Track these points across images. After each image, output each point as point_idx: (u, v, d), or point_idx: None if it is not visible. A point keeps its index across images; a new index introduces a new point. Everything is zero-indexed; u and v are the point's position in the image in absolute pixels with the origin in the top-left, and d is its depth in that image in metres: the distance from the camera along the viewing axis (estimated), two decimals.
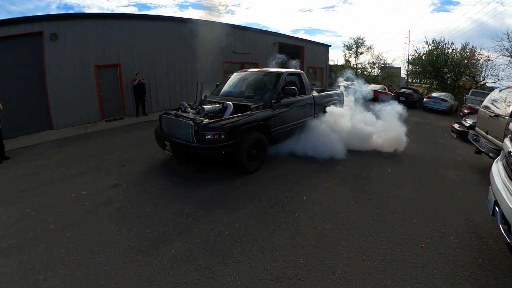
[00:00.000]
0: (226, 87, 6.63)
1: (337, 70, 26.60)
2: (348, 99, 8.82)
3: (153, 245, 3.16)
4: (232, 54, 16.01)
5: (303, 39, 23.10)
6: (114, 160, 6.14)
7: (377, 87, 19.01)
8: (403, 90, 19.37)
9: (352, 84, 11.69)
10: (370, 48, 34.82)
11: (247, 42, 16.97)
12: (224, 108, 5.37)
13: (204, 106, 5.30)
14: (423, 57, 24.73)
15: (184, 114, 5.25)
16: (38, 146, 8.00)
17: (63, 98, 10.07)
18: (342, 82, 12.10)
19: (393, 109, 7.38)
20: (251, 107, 5.28)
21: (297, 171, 5.26)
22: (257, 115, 5.21)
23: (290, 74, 6.64)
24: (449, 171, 5.54)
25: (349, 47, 35.62)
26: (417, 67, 25.67)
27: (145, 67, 12.06)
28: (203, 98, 6.01)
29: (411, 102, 16.77)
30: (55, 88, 9.89)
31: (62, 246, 3.23)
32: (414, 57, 26.29)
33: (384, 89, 19.84)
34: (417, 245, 3.10)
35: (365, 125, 6.83)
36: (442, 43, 24.07)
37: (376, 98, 9.06)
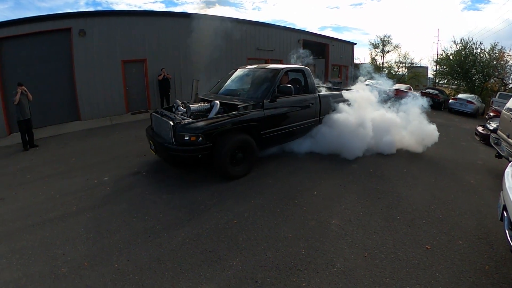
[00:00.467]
0: (225, 84, 6.22)
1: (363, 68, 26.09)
2: (371, 98, 8.36)
3: (165, 229, 3.40)
4: (256, 51, 16.15)
5: (328, 36, 22.86)
6: (136, 150, 6.45)
7: (402, 86, 18.56)
8: (429, 90, 18.79)
9: (377, 83, 11.46)
10: (396, 46, 33.90)
11: (272, 39, 17.05)
12: (212, 107, 5.03)
13: (190, 105, 5.04)
14: (451, 57, 23.84)
15: (168, 113, 5.02)
16: (65, 136, 8.47)
17: (91, 91, 10.60)
18: (367, 81, 11.88)
19: (414, 109, 7.18)
20: (238, 106, 4.88)
21: (311, 167, 5.31)
22: (243, 115, 4.79)
23: (291, 70, 6.22)
24: (467, 174, 5.41)
25: (375, 45, 34.85)
26: (444, 67, 24.81)
27: (170, 62, 12.39)
28: (200, 96, 5.80)
29: (436, 103, 16.21)
30: (83, 81, 10.43)
31: (82, 225, 3.53)
32: (441, 57, 25.41)
33: (410, 89, 19.34)
34: (422, 246, 3.07)
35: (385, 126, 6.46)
36: (471, 43, 23.12)
37: (397, 97, 8.88)
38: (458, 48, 23.65)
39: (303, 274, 2.63)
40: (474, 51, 22.80)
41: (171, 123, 4.44)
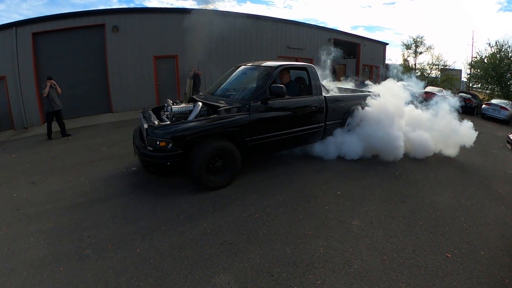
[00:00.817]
0: (223, 83, 5.59)
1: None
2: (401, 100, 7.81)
3: (188, 218, 3.56)
4: (287, 49, 16.18)
5: (359, 36, 22.44)
6: None
7: (434, 89, 17.94)
8: (462, 94, 18.08)
9: (408, 85, 11.16)
10: (429, 48, 32.61)
11: (302, 37, 17.00)
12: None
13: (172, 106, 4.68)
14: (485, 60, 22.80)
15: (151, 114, 4.68)
16: (97, 127, 8.87)
17: (123, 84, 11.06)
18: (398, 82, 11.58)
19: (447, 109, 6.79)
20: (219, 109, 4.35)
21: (336, 167, 5.29)
22: (221, 120, 4.24)
23: (292, 68, 5.49)
24: (496, 183, 5.20)
25: (408, 46, 33.74)
26: (478, 70, 23.75)
27: (201, 58, 12.66)
28: (195, 95, 5.50)
29: (468, 108, 15.57)
30: (115, 75, 10.92)
31: (109, 211, 3.76)
32: (476, 59, 24.34)
33: (441, 91, 18.68)
34: (443, 254, 3.01)
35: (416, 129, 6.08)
36: (506, 46, 22.01)
37: (427, 99, 8.61)
38: (493, 51, 22.68)
39: (319, 272, 2.66)
40: (510, 54, 21.70)
41: (145, 126, 4.12)
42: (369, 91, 6.62)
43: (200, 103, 4.54)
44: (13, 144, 7.91)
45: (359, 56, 21.62)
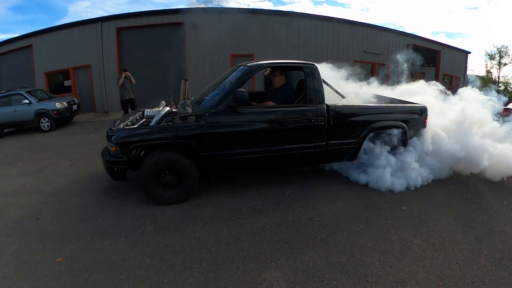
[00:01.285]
0: (211, 85, 5.05)
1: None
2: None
3: (250, 212, 3.74)
4: (363, 54, 15.73)
5: (439, 42, 20.86)
6: None
7: None
8: None
9: (490, 100, 10.15)
10: None
11: (379, 42, 16.35)
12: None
13: (146, 110, 4.49)
14: None
15: (131, 116, 4.56)
16: None
17: (199, 79, 11.79)
18: (480, 96, 10.55)
19: None
20: (174, 116, 4.04)
21: None
22: (172, 130, 3.82)
23: (280, 67, 4.65)
24: None
25: (491, 56, 30.66)
26: None
27: (277, 59, 12.81)
28: (191, 97, 5.25)
29: None
30: (192, 70, 11.68)
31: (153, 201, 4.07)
32: None
33: None
34: None
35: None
36: None
37: (507, 115, 7.73)
38: None
39: (371, 286, 2.62)
40: None
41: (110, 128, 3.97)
42: (417, 103, 5.03)
43: (167, 108, 4.18)
44: (93, 124, 8.97)
45: (439, 65, 20.11)
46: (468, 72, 25.21)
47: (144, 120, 4.51)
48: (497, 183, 5.37)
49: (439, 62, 20.23)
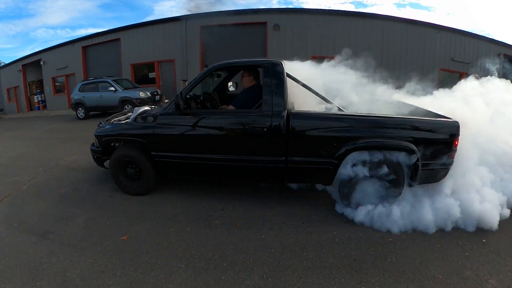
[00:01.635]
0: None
1: None
2: None
3: (320, 221, 3.62)
4: (451, 62, 14.50)
5: None
6: None
7: None
8: None
9: None
10: None
11: (468, 50, 14.92)
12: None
13: (136, 108, 4.82)
14: None
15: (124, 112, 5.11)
16: None
17: None
18: None
19: None
20: (137, 116, 4.31)
21: None
22: (131, 128, 4.19)
23: (237, 66, 4.71)
24: None
25: None
26: None
27: (360, 62, 12.53)
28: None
29: None
30: None
31: (250, 194, 4.29)
32: None
33: None
34: None
35: None
36: None
37: None
38: None
39: None
40: None
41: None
42: (446, 118, 3.57)
43: (145, 108, 4.67)
44: None
45: None
46: None
47: (129, 114, 4.98)
48: None
49: None
